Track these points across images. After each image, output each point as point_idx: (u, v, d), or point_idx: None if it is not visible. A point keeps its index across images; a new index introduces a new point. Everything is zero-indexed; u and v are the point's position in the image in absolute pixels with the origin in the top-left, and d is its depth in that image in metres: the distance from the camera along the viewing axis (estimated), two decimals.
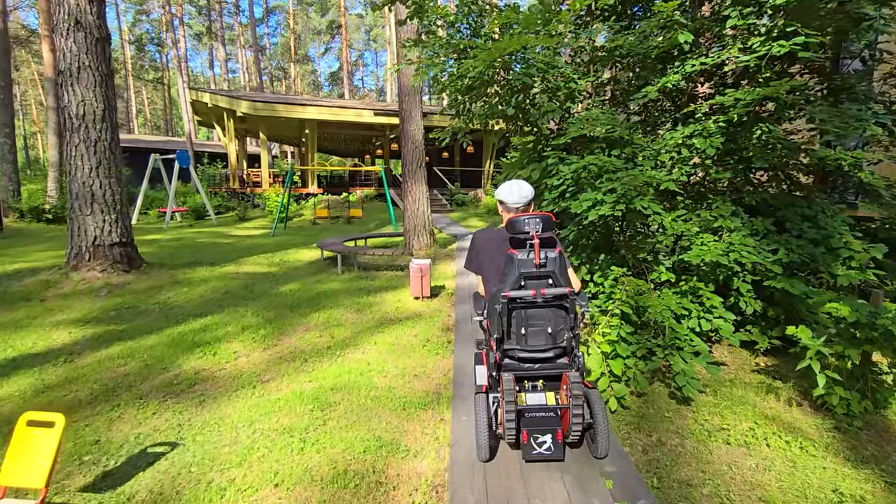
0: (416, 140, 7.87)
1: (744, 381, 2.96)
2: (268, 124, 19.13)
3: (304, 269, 7.60)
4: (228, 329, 4.64)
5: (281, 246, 10.37)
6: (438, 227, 13.28)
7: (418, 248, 8.01)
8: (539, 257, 2.04)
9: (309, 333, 4.49)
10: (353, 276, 6.97)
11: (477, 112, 4.58)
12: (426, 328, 4.51)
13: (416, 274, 5.33)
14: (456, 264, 7.48)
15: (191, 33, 49.22)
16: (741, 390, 2.84)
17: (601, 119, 3.56)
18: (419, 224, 8.02)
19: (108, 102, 6.27)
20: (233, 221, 16.47)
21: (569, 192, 3.51)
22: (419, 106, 7.84)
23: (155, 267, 7.15)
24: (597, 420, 2.10)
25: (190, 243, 10.76)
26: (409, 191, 7.98)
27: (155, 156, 16.21)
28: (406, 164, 7.98)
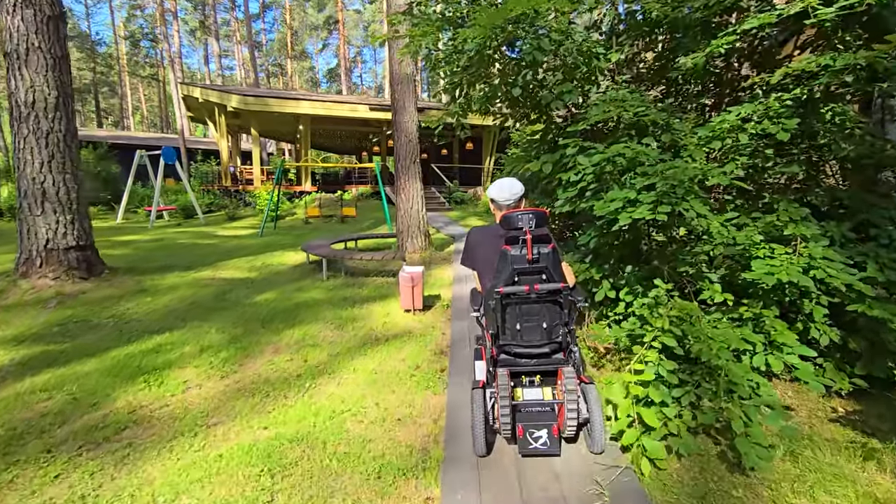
0: (410, 133, 7.18)
1: (824, 438, 2.27)
2: (259, 119, 18.41)
3: (287, 274, 6.92)
4: (185, 350, 3.97)
5: (267, 247, 9.69)
6: (436, 227, 12.60)
7: (412, 250, 7.33)
8: (532, 253, 2.03)
9: (278, 356, 3.81)
10: (338, 282, 6.29)
11: (476, 97, 3.89)
12: (416, 350, 3.83)
13: (407, 284, 4.65)
14: (453, 269, 6.80)
15: (186, 29, 48.47)
16: (827, 453, 2.14)
17: (630, 100, 2.87)
18: (413, 225, 7.34)
19: (63, 89, 5.58)
20: (222, 220, 15.79)
21: (590, 189, 2.83)
22: (413, 95, 7.15)
23: (120, 273, 6.46)
24: (593, 415, 2.10)
25: (170, 244, 10.08)
26: (403, 188, 7.30)
27: (140, 152, 15.55)
28: (399, 159, 7.29)
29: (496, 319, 2.09)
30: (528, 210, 2.09)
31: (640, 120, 2.76)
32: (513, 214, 2.09)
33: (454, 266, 7.00)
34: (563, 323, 2.12)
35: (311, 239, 9.62)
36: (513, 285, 2.06)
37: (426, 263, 7.09)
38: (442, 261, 7.32)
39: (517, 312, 2.11)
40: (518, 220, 2.06)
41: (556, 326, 2.13)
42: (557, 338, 2.14)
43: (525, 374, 2.23)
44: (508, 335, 2.15)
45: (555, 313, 2.12)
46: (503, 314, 2.11)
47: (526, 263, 2.06)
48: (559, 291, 2.05)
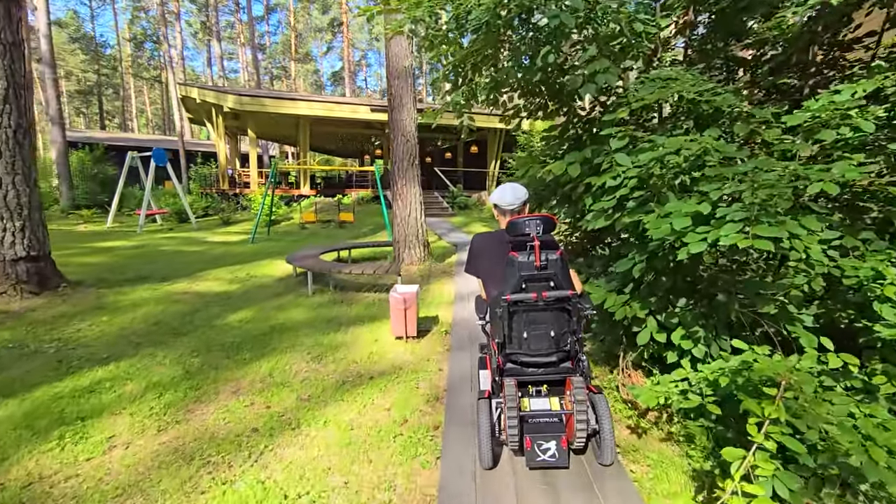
0: (408, 132, 6.49)
1: None
2: (256, 121, 17.81)
3: (270, 288, 6.22)
4: (127, 388, 3.26)
5: (256, 255, 9.02)
6: (438, 234, 11.90)
7: (409, 262, 6.62)
8: (540, 259, 1.98)
9: (237, 399, 3.10)
10: (325, 299, 5.58)
11: (482, 84, 3.19)
12: (405, 395, 3.11)
13: (398, 307, 3.93)
14: (455, 284, 6.09)
15: (190, 31, 48.21)
16: None
17: (685, 80, 2.15)
18: (411, 234, 6.63)
19: (14, 79, 4.93)
20: (215, 225, 15.16)
21: (632, 198, 2.11)
22: (411, 91, 6.47)
23: (82, 286, 5.79)
24: (602, 426, 2.02)
25: (152, 252, 9.41)
26: (400, 194, 6.60)
27: (132, 154, 14.96)
28: (396, 160, 6.60)
29: (503, 328, 2.02)
30: (535, 215, 2.02)
31: (703, 105, 2.04)
32: (519, 220, 2.04)
33: (456, 280, 6.28)
34: (572, 331, 2.05)
35: (304, 246, 8.94)
36: (520, 292, 1.99)
37: (425, 277, 6.38)
38: (442, 274, 6.60)
39: (524, 320, 2.04)
40: (525, 226, 2.01)
41: (564, 335, 2.06)
42: (565, 346, 2.08)
43: (531, 383, 2.15)
44: (515, 344, 2.08)
45: (563, 321, 2.05)
46: (510, 322, 2.04)
47: (534, 270, 1.99)
48: (568, 299, 1.98)
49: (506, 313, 2.00)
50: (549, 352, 2.07)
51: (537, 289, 1.98)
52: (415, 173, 6.60)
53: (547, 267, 2.01)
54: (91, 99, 52.49)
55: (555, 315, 2.03)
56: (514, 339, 2.06)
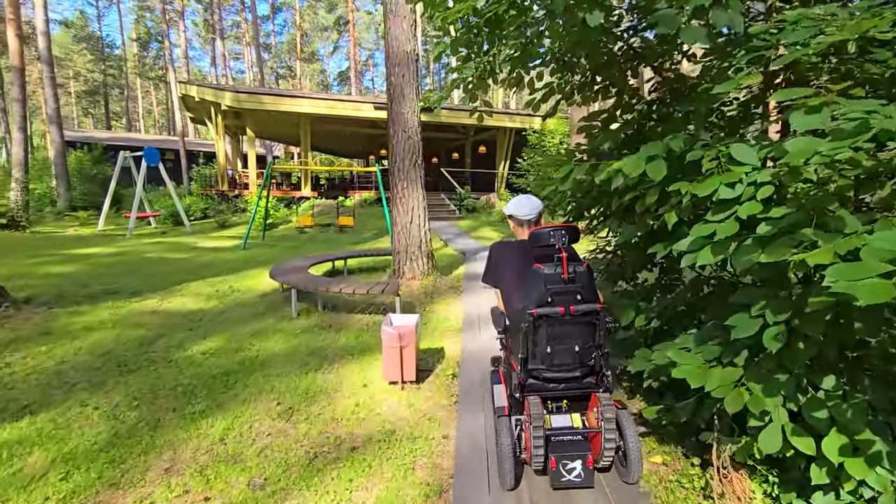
0: (410, 127, 5.66)
1: None
2: (256, 119, 17.10)
3: (251, 306, 5.41)
4: (31, 459, 2.45)
5: (246, 264, 8.25)
6: (444, 239, 11.05)
7: (411, 276, 5.78)
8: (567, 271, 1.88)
9: (166, 484, 2.27)
10: (311, 322, 4.76)
11: (505, 55, 2.33)
12: (396, 483, 2.25)
13: (392, 345, 3.09)
14: (464, 304, 5.24)
15: (196, 31, 47.83)
16: None
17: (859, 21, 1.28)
18: (413, 244, 5.79)
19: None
20: (211, 229, 14.45)
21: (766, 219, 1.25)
22: (414, 81, 5.64)
23: (30, 305, 5.02)
24: (628, 443, 1.92)
25: (133, 259, 8.65)
26: (400, 198, 5.77)
27: (124, 153, 14.30)
28: (396, 160, 5.77)
29: (527, 342, 1.92)
30: (559, 225, 1.96)
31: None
32: (544, 231, 1.96)
33: (465, 298, 5.42)
34: (597, 346, 1.95)
35: (297, 255, 8.13)
36: (546, 306, 1.87)
37: (428, 294, 5.53)
38: (449, 290, 5.74)
39: (549, 335, 1.92)
40: (550, 237, 1.93)
41: (588, 349, 1.94)
42: (590, 361, 1.97)
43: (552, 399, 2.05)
44: (539, 359, 1.96)
45: (588, 335, 1.94)
46: (535, 337, 1.92)
47: (561, 283, 1.89)
48: (596, 313, 1.88)
49: (531, 327, 1.90)
50: (574, 367, 1.98)
51: (564, 302, 1.88)
52: (417, 174, 5.76)
53: (575, 279, 1.92)
54: (98, 99, 52.39)
55: (580, 329, 1.94)
56: (538, 354, 1.96)
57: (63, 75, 51.52)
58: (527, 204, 2.26)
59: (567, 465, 1.87)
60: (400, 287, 4.86)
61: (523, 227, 2.27)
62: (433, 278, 5.91)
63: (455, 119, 17.58)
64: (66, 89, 52.45)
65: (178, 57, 47.64)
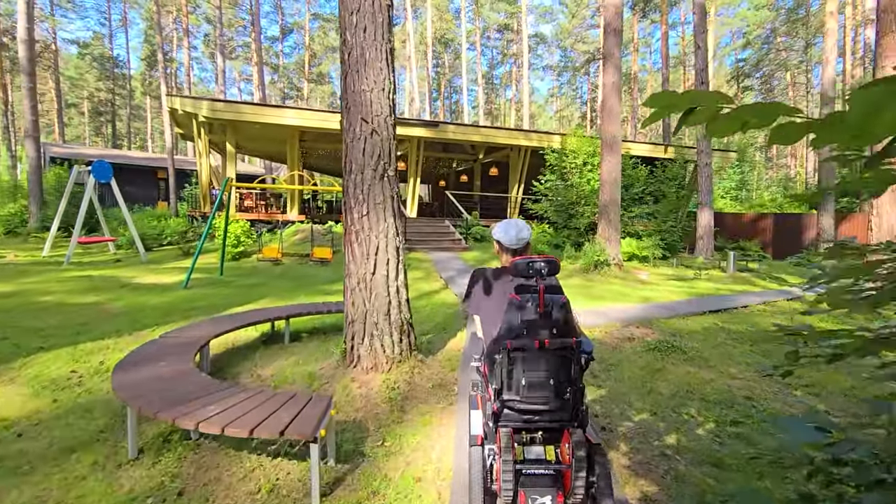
0: (376, 115, 3.42)
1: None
2: (238, 133, 15.16)
3: (92, 413, 3.08)
4: None
5: (167, 315, 6.02)
6: (444, 278, 8.71)
7: (371, 364, 3.43)
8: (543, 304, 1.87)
9: None
10: (157, 473, 2.40)
11: None
12: None
13: None
14: (459, 431, 2.86)
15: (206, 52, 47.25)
16: None
17: None
18: (376, 310, 3.45)
19: None
20: (173, 257, 12.29)
21: None
22: (384, 39, 3.42)
23: None
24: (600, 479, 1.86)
25: (17, 304, 6.40)
26: (356, 232, 3.48)
27: (78, 167, 12.32)
28: (351, 169, 3.50)
29: (500, 374, 1.89)
30: (539, 257, 1.91)
31: None
32: (523, 261, 1.92)
33: (460, 414, 3.03)
34: (572, 380, 1.89)
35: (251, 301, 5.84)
36: (521, 338, 1.87)
37: (396, 404, 3.13)
38: (434, 394, 3.34)
39: (523, 367, 1.87)
40: (529, 268, 1.90)
41: (563, 383, 1.88)
42: (565, 395, 1.90)
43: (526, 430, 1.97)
44: (513, 390, 1.90)
45: (563, 369, 1.88)
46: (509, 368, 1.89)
47: (536, 315, 1.87)
48: (571, 347, 1.85)
49: (505, 358, 1.86)
50: (548, 400, 1.88)
51: (539, 335, 1.86)
52: (388, 192, 3.47)
53: (551, 313, 1.87)
54: (108, 119, 51.94)
55: (555, 363, 1.87)
56: (513, 385, 1.89)
57: (77, 95, 51.26)
58: (514, 232, 2.24)
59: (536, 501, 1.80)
60: (330, 405, 2.47)
61: (507, 253, 2.27)
62: (410, 366, 3.53)
63: (464, 136, 15.49)
64: (80, 109, 52.13)
65: (183, 75, 47.10)
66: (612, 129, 10.33)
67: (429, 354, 4.00)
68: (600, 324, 5.51)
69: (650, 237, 13.67)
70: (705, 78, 13.95)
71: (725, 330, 5.33)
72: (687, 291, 8.39)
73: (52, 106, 42.68)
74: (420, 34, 41.66)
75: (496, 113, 57.01)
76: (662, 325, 5.51)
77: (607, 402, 3.23)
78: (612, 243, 10.27)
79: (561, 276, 9.54)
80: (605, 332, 5.14)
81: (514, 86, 50.72)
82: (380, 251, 3.44)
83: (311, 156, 20.80)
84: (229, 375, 3.78)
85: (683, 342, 4.64)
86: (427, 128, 14.98)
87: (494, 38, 51.23)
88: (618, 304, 6.86)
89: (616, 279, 9.45)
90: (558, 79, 55.22)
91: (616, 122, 10.40)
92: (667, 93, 0.73)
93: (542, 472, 1.86)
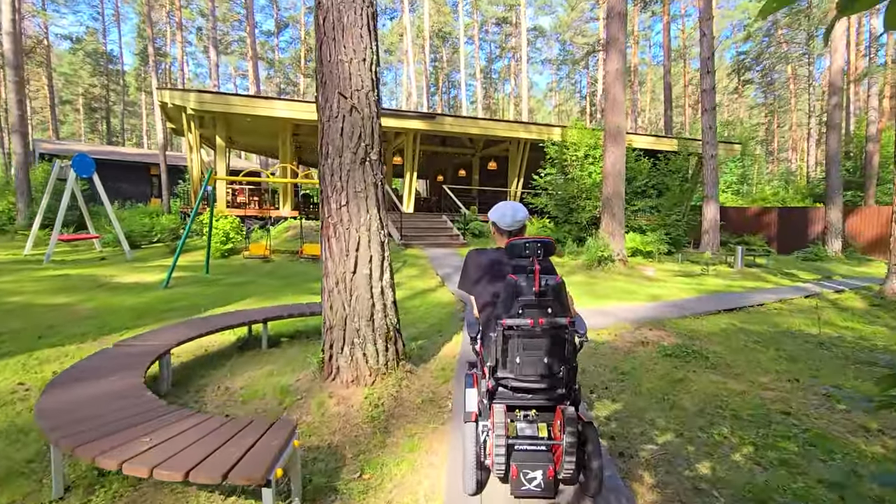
0: (356, 89, 2.96)
1: None
2: (228, 126, 14.68)
3: (9, 456, 2.63)
4: None
5: (140, 318, 5.60)
6: (440, 275, 8.27)
7: (352, 377, 2.99)
8: (539, 284, 1.89)
9: None
10: None
11: None
12: None
13: None
14: (452, 458, 2.43)
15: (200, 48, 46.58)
16: None
17: None
18: (359, 314, 3.01)
19: None
20: (160, 254, 11.84)
21: None
22: (365, 1, 2.96)
23: None
24: (591, 457, 1.91)
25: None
26: (334, 225, 3.03)
27: (60, 162, 11.86)
28: (328, 153, 3.05)
29: (496, 352, 1.93)
30: (535, 238, 1.99)
31: None
32: (519, 242, 1.99)
33: (452, 432, 2.60)
34: (566, 359, 1.93)
35: (232, 301, 5.41)
36: (517, 317, 1.90)
37: (380, 424, 2.69)
38: (424, 410, 2.89)
39: (518, 345, 1.92)
40: (525, 249, 1.97)
41: (557, 362, 1.93)
42: (559, 374, 1.95)
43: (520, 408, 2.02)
44: (507, 368, 1.95)
45: (557, 349, 1.92)
46: (504, 346, 1.94)
47: (532, 295, 1.89)
48: (565, 327, 1.89)
49: (500, 337, 1.90)
50: (542, 378, 1.94)
51: (534, 315, 1.88)
52: (370, 180, 3.02)
53: (546, 293, 1.90)
54: (103, 116, 51.35)
55: (550, 342, 1.92)
56: (507, 363, 1.95)
57: (72, 92, 50.55)
58: (510, 214, 2.25)
59: (528, 475, 1.85)
60: (294, 432, 2.03)
61: (503, 235, 2.28)
62: (397, 378, 3.08)
63: (461, 129, 15.01)
64: (75, 106, 51.45)
65: (177, 70, 46.42)
66: (615, 119, 9.86)
67: (420, 363, 3.56)
68: (608, 325, 5.06)
69: (654, 232, 13.23)
70: (711, 66, 13.47)
71: (745, 331, 4.89)
72: (696, 288, 7.96)
73: (46, 103, 42.06)
74: (417, 27, 40.99)
75: (495, 108, 56.40)
76: (676, 326, 5.07)
77: (625, 420, 2.79)
78: (616, 238, 9.81)
79: (563, 273, 9.05)
80: (614, 334, 4.70)
81: (512, 80, 50.16)
82: (361, 247, 2.99)
83: (306, 150, 20.34)
84: (194, 388, 3.34)
85: (703, 346, 4.20)
86: (424, 120, 14.49)
87: (493, 31, 50.56)
88: (625, 303, 6.42)
89: (621, 276, 9.01)
90: (557, 72, 54.63)
91: (620, 111, 9.94)
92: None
93: (534, 448, 1.90)
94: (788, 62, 40.89)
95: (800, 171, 38.87)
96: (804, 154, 41.39)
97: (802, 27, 36.81)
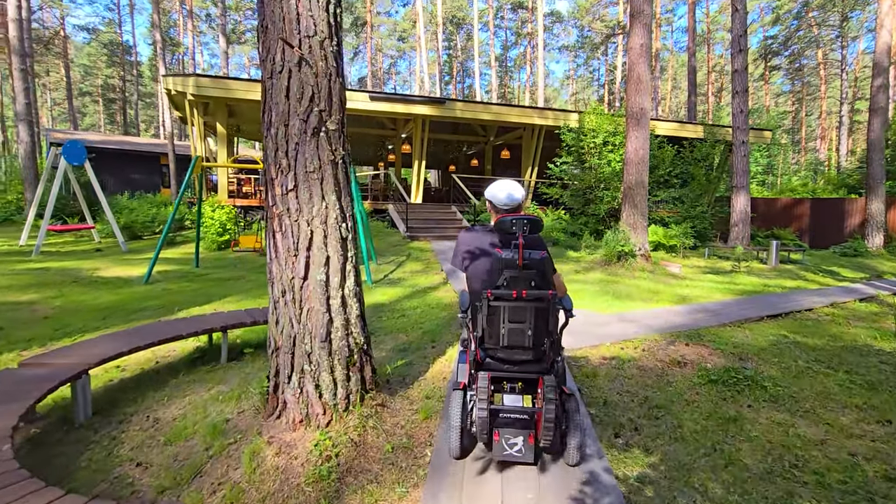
0: (305, 36, 2.22)
1: None
2: (231, 112, 14.10)
3: None
4: None
5: (107, 317, 5.01)
6: (445, 270, 7.58)
7: (299, 416, 2.27)
8: (522, 258, 1.98)
9: None
10: None
11: None
12: None
13: None
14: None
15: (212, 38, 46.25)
16: None
17: None
18: (311, 332, 2.29)
19: None
20: (154, 246, 11.34)
21: None
22: None
23: None
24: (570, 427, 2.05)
25: None
26: (280, 216, 2.31)
27: (55, 149, 11.45)
28: (271, 120, 2.32)
29: (482, 322, 2.03)
30: (522, 215, 2.04)
31: None
32: (506, 218, 2.05)
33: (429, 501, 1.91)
34: (548, 332, 2.03)
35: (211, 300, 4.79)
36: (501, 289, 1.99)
37: (335, 480, 1.99)
38: (393, 461, 2.16)
39: (503, 317, 2.01)
40: (512, 224, 2.03)
41: (540, 334, 2.04)
42: (542, 346, 2.06)
43: (507, 379, 2.13)
44: (493, 339, 2.06)
45: (541, 321, 2.02)
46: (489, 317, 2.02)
47: (516, 268, 1.98)
48: (547, 299, 1.97)
49: (485, 308, 1.98)
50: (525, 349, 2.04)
51: (518, 287, 1.96)
52: (325, 156, 2.30)
53: (530, 266, 1.98)
54: (116, 106, 51.65)
55: (533, 314, 1.99)
56: (493, 334, 2.03)
57: (91, 84, 50.81)
58: (505, 192, 2.26)
59: (509, 440, 1.94)
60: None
61: (497, 213, 2.30)
62: (361, 416, 2.37)
63: (473, 114, 14.17)
64: (94, 97, 51.77)
65: (188, 60, 46.21)
66: (639, 99, 8.93)
67: (399, 389, 2.84)
68: (634, 335, 4.27)
69: (678, 224, 12.27)
70: (744, 44, 12.36)
71: (800, 346, 4.06)
72: (729, 288, 7.08)
73: (65, 94, 42.19)
74: (431, 13, 39.90)
75: (510, 97, 55.05)
76: (717, 338, 4.25)
77: (663, 484, 2.03)
78: (637, 231, 8.93)
79: (580, 270, 8.14)
80: (642, 349, 3.91)
81: (528, 67, 48.78)
82: (314, 244, 2.27)
83: None
84: (117, 418, 2.69)
85: (755, 368, 3.40)
86: (433, 105, 13.68)
87: (508, 17, 49.12)
88: (651, 307, 5.61)
89: (643, 273, 8.16)
90: (574, 60, 52.99)
91: (644, 91, 9.00)
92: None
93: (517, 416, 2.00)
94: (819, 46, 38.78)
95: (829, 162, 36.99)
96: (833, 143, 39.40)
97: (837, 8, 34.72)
